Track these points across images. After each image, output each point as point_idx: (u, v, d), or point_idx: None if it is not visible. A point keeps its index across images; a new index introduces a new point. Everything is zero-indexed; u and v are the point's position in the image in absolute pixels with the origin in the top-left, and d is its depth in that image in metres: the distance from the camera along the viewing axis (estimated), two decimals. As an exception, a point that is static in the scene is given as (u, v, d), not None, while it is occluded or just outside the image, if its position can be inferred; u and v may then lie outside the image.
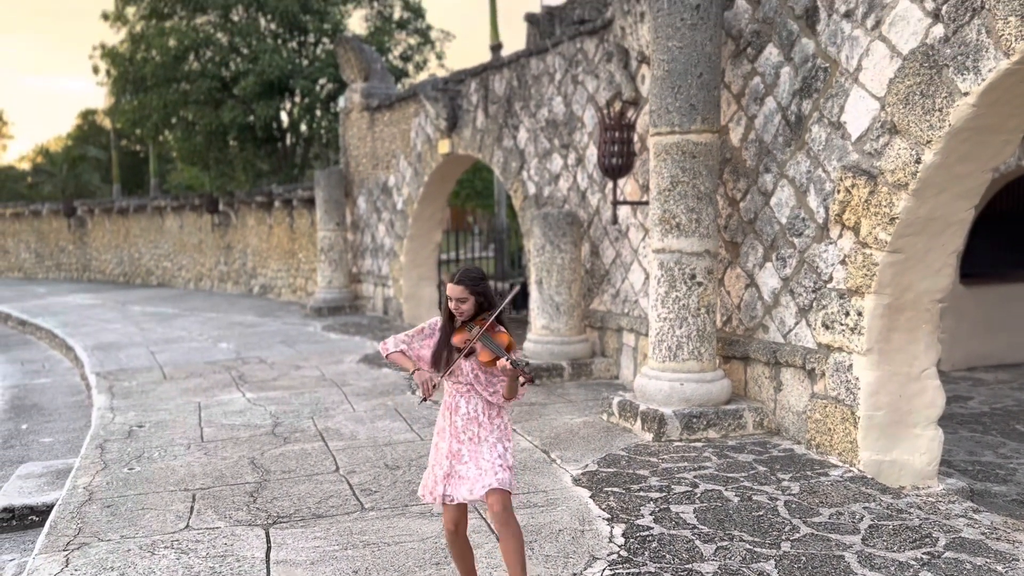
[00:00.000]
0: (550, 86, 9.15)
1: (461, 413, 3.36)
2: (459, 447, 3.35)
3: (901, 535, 4.18)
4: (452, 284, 3.31)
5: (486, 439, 3.34)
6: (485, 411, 3.37)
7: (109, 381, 8.85)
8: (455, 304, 3.31)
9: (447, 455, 3.36)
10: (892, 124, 4.96)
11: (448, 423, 3.39)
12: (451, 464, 3.35)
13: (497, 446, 3.34)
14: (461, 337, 3.31)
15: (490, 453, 3.32)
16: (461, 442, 3.36)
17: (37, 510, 5.60)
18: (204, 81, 19.60)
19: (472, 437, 3.34)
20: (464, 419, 3.36)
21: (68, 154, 36.03)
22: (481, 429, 3.35)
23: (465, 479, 3.32)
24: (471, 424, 3.35)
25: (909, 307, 5.20)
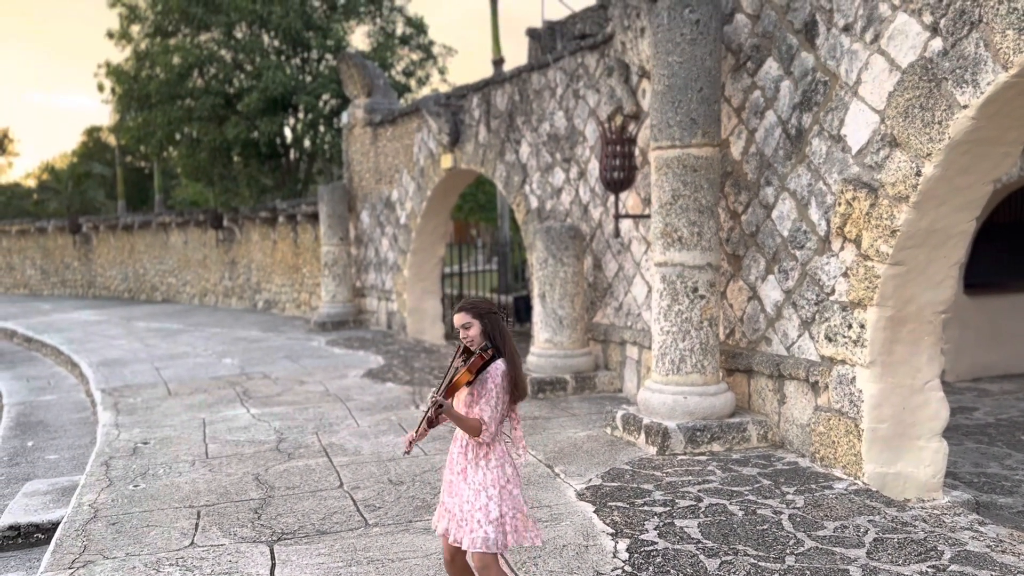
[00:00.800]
0: (551, 100, 9.20)
1: (457, 444, 3.33)
2: (451, 478, 3.33)
3: (906, 548, 4.17)
4: (456, 313, 3.30)
5: (471, 481, 3.23)
6: (473, 448, 3.26)
7: (114, 398, 8.88)
8: (462, 332, 3.26)
9: (446, 487, 3.36)
10: (892, 137, 4.98)
11: (449, 453, 3.38)
12: (443, 496, 3.36)
13: (481, 495, 3.19)
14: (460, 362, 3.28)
15: (474, 500, 3.20)
16: (453, 473, 3.32)
17: (43, 528, 5.61)
18: (208, 98, 19.73)
19: (460, 471, 3.28)
20: (457, 451, 3.31)
21: (73, 171, 36.23)
22: (469, 465, 3.25)
23: (448, 513, 3.30)
24: (460, 457, 3.29)
25: (911, 319, 5.20)
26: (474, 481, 3.22)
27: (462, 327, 3.25)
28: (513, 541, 3.23)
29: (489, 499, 3.19)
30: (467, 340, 3.24)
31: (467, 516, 3.19)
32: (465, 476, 3.24)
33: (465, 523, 3.19)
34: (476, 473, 3.23)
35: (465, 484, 3.23)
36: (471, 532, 3.16)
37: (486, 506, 3.18)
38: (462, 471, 3.26)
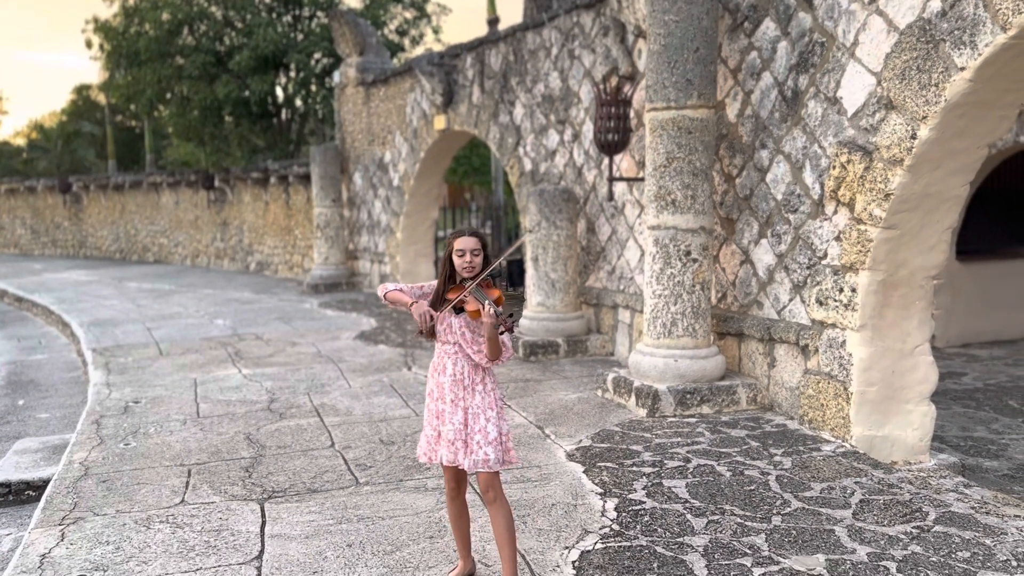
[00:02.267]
0: (547, 61, 9.09)
1: (448, 374, 3.30)
2: (443, 407, 3.32)
3: (891, 510, 4.21)
4: (466, 236, 3.27)
5: (471, 406, 3.29)
6: (471, 374, 3.29)
7: (105, 357, 8.86)
8: (469, 257, 3.25)
9: (433, 415, 3.37)
10: (888, 99, 4.93)
11: (435, 384, 3.36)
12: (434, 425, 3.36)
13: (480, 417, 3.27)
14: (455, 294, 3.26)
15: (472, 423, 3.27)
16: (445, 403, 3.31)
17: (33, 485, 5.62)
18: (198, 56, 19.44)
19: (455, 399, 3.29)
20: (450, 380, 3.29)
21: (63, 130, 35.80)
22: (466, 393, 3.29)
23: (445, 442, 3.30)
24: (455, 386, 3.29)
25: (903, 283, 5.20)
26: (472, 405, 3.28)
27: (471, 252, 3.25)
28: (507, 460, 3.35)
29: (488, 420, 3.28)
30: (470, 267, 3.25)
31: (468, 444, 3.26)
32: (462, 403, 3.28)
33: (467, 450, 3.26)
34: (474, 397, 3.28)
35: (460, 410, 3.28)
36: (471, 454, 3.25)
37: (484, 428, 3.27)
38: (456, 399, 3.28)
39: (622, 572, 3.56)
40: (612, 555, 3.73)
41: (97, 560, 3.82)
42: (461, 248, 3.26)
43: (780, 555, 3.70)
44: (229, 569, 3.69)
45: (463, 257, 3.26)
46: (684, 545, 3.81)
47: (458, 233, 3.30)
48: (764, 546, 3.79)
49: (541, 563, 3.68)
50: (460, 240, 3.27)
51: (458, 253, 3.26)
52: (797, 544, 3.81)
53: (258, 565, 3.72)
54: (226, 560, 3.78)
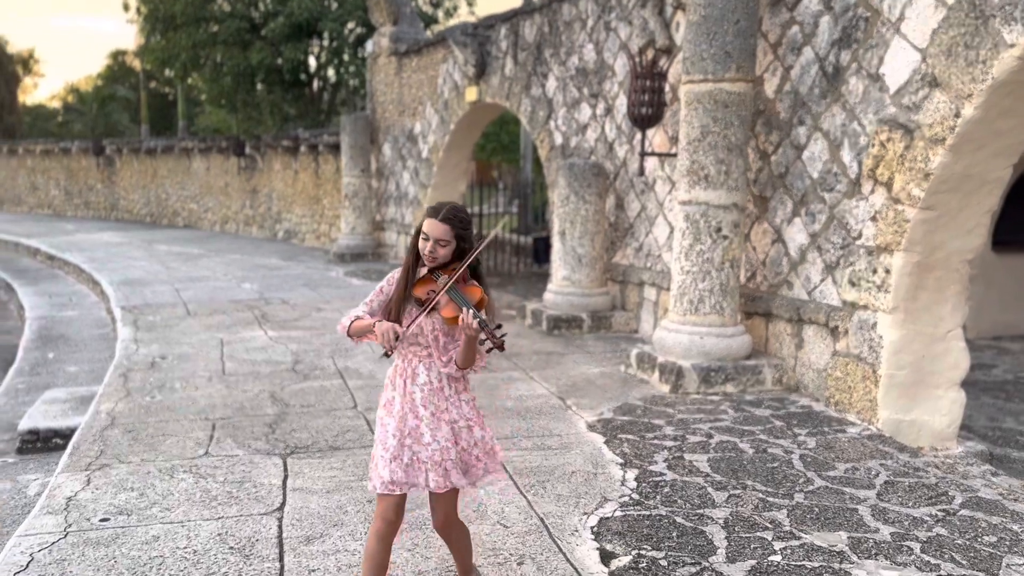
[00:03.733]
0: (581, 32, 8.98)
1: (420, 383, 2.76)
2: (416, 423, 2.74)
3: (917, 492, 4.15)
4: (434, 221, 2.68)
5: (464, 423, 2.80)
6: (451, 381, 2.79)
7: (134, 315, 8.97)
8: (432, 246, 2.69)
9: (396, 433, 2.75)
10: (933, 77, 4.81)
11: (401, 394, 2.78)
12: (405, 445, 2.74)
13: (475, 429, 2.81)
14: (424, 288, 2.72)
15: (469, 437, 2.80)
16: (419, 418, 2.75)
17: (61, 433, 5.71)
18: (232, 21, 19.47)
19: (435, 412, 2.75)
20: (424, 390, 2.75)
21: (98, 94, 36.15)
22: (449, 404, 2.77)
23: (424, 463, 2.73)
24: (434, 397, 2.76)
25: (939, 266, 5.10)
26: (459, 417, 2.80)
27: (436, 241, 2.69)
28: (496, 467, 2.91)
29: (483, 429, 2.86)
30: (430, 257, 2.71)
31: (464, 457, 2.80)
32: (442, 415, 2.76)
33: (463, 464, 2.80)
34: (460, 407, 2.81)
35: (443, 424, 2.76)
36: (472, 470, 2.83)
37: (482, 439, 2.85)
38: (436, 412, 2.76)
39: (641, 539, 3.55)
40: (631, 523, 3.72)
41: (121, 505, 3.88)
42: (426, 232, 2.70)
43: (802, 531, 3.67)
44: (251, 519, 3.72)
45: (426, 243, 2.70)
46: (704, 517, 3.79)
47: (432, 211, 2.72)
48: (786, 521, 3.76)
49: (560, 527, 3.67)
50: (428, 223, 2.70)
51: (423, 236, 2.71)
52: (819, 521, 3.77)
53: (279, 516, 3.75)
54: (248, 510, 3.81)
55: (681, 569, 3.29)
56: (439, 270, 2.73)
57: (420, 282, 2.74)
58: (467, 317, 2.58)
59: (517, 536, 3.58)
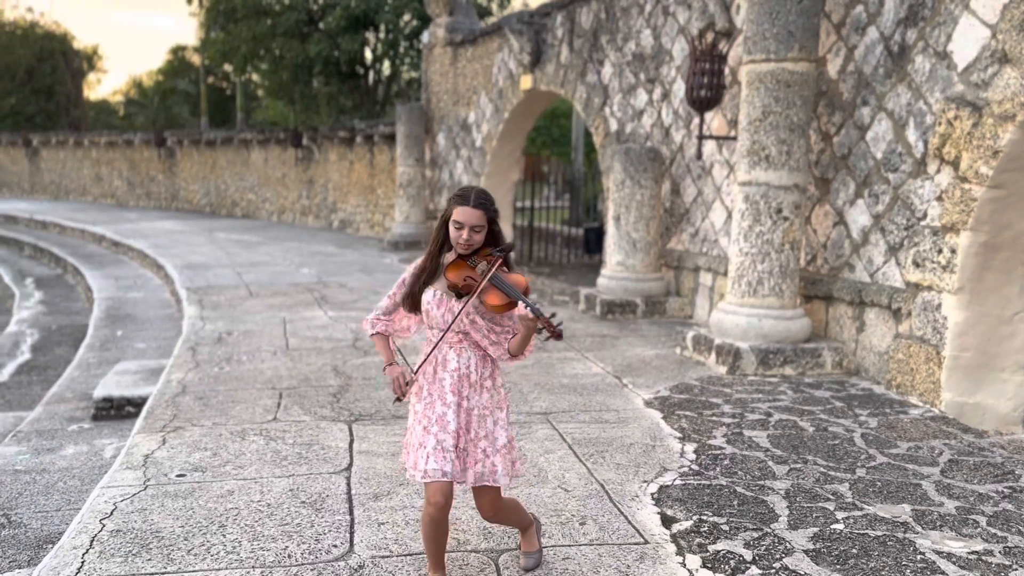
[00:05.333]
0: (639, 18, 8.98)
1: (450, 369, 2.72)
2: (444, 411, 2.70)
3: (982, 470, 4.10)
4: (467, 208, 2.63)
5: (481, 410, 2.74)
6: (479, 368, 2.73)
7: (198, 295, 9.24)
8: (467, 233, 2.64)
9: (423, 420, 2.73)
10: (1003, 53, 4.72)
11: (430, 380, 2.75)
12: (431, 432, 2.70)
13: (487, 420, 2.75)
14: (460, 274, 2.66)
15: (479, 428, 2.74)
16: (447, 405, 2.70)
17: (133, 401, 5.94)
18: (291, 14, 19.84)
19: (461, 401, 2.72)
20: (454, 376, 2.72)
21: (159, 87, 37.11)
22: (472, 391, 2.73)
23: (449, 451, 2.68)
24: (461, 383, 2.72)
25: (1006, 246, 5.01)
26: (479, 404, 2.74)
27: (471, 228, 2.64)
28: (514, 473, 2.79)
29: (496, 423, 2.76)
30: (466, 245, 2.67)
31: (468, 447, 2.73)
32: (463, 403, 2.73)
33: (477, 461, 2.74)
34: (481, 395, 2.74)
35: (462, 411, 2.72)
36: (475, 464, 2.73)
37: (492, 432, 2.75)
38: (463, 400, 2.73)
39: (702, 506, 3.58)
40: (691, 491, 3.75)
41: (196, 463, 4.04)
42: (460, 221, 2.64)
43: (864, 503, 3.66)
44: (320, 477, 3.85)
45: (460, 231, 2.65)
46: (765, 487, 3.80)
47: (461, 199, 2.66)
48: (848, 494, 3.75)
49: (620, 492, 3.72)
50: (461, 211, 2.64)
51: (456, 225, 2.66)
52: (882, 494, 3.76)
53: (347, 475, 3.87)
54: (317, 469, 3.94)
55: (743, 534, 3.31)
56: (474, 256, 2.68)
57: (452, 268, 2.68)
58: (526, 311, 2.56)
59: (578, 499, 3.64)
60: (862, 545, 3.23)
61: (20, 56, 33.27)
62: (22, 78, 33.50)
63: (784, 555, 3.13)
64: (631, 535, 3.29)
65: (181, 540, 3.20)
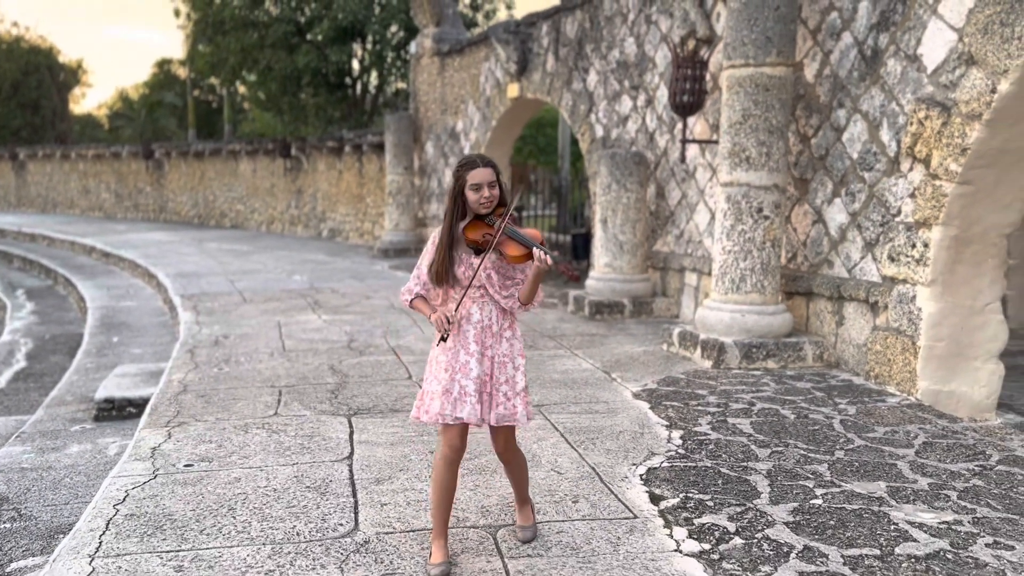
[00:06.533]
0: (623, 27, 9.21)
1: (473, 321, 2.94)
2: (467, 359, 2.92)
3: (954, 451, 4.31)
4: (480, 169, 2.88)
5: (501, 358, 2.97)
6: (499, 319, 2.98)
7: (193, 302, 9.37)
8: (487, 191, 2.88)
9: (449, 368, 2.94)
10: (969, 55, 4.96)
11: (454, 333, 2.95)
12: (455, 380, 2.92)
13: (508, 366, 2.98)
14: (479, 232, 2.89)
15: (500, 374, 2.96)
16: (470, 354, 2.92)
17: (134, 402, 6.07)
18: (279, 25, 20.03)
19: (484, 350, 2.94)
20: (477, 328, 2.94)
21: (146, 100, 37.16)
22: (494, 341, 2.96)
23: (471, 396, 2.90)
24: (484, 335, 2.94)
25: (976, 240, 5.24)
26: (499, 353, 2.98)
27: (488, 184, 2.88)
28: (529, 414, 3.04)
29: (516, 369, 2.99)
30: (488, 202, 2.89)
31: (491, 392, 2.96)
32: (491, 353, 2.96)
33: (498, 404, 2.96)
34: (501, 345, 2.98)
35: (486, 359, 2.95)
36: (496, 407, 2.95)
37: (512, 378, 2.98)
38: (486, 349, 2.96)
39: (687, 485, 3.76)
40: (678, 472, 3.94)
41: (202, 454, 4.19)
42: (477, 182, 2.87)
43: (842, 480, 3.85)
44: (323, 464, 4.01)
45: (480, 192, 2.88)
46: (748, 468, 3.99)
47: (470, 164, 2.90)
48: (827, 473, 3.95)
49: (610, 474, 3.90)
50: (475, 172, 2.88)
51: (473, 188, 2.88)
52: (859, 473, 3.95)
53: (349, 463, 4.03)
54: (320, 458, 4.10)
55: (727, 509, 3.49)
56: (491, 215, 2.91)
57: (470, 228, 2.91)
58: (543, 255, 2.79)
59: (571, 481, 3.81)
60: (839, 517, 3.42)
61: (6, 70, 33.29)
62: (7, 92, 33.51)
63: (766, 527, 3.31)
64: (621, 511, 3.47)
65: (193, 522, 3.35)
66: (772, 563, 3.01)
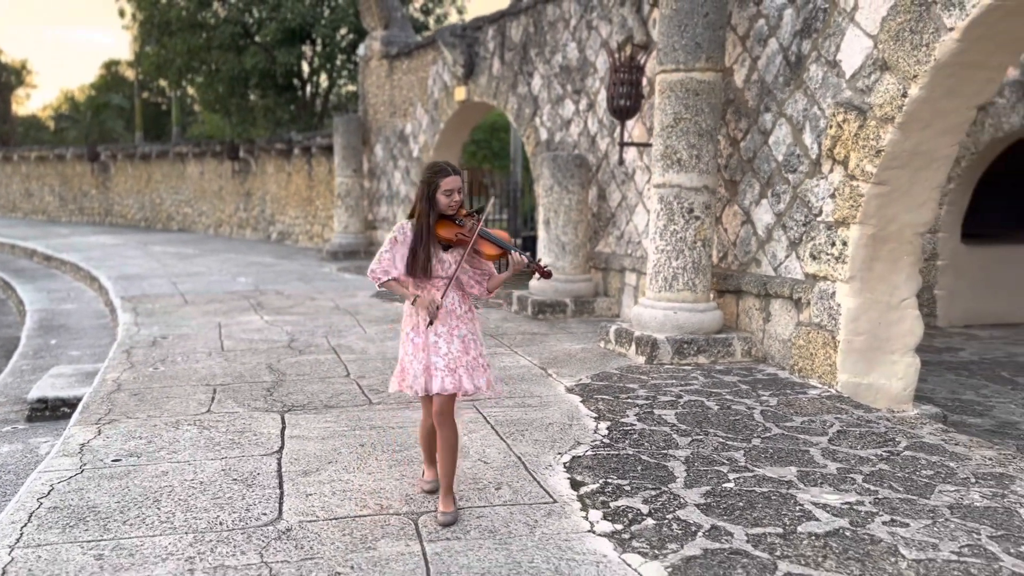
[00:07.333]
0: (565, 32, 9.38)
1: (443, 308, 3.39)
2: (436, 339, 3.38)
3: (866, 438, 4.51)
4: (453, 176, 3.34)
5: (465, 335, 3.43)
6: (461, 304, 3.44)
7: (133, 303, 9.28)
8: (458, 196, 3.35)
9: (424, 348, 3.39)
10: (883, 61, 5.20)
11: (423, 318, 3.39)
12: (428, 357, 3.38)
13: (476, 343, 3.46)
14: (451, 231, 3.33)
15: (474, 350, 3.44)
16: (438, 335, 3.39)
17: (69, 403, 6.03)
18: (227, 27, 19.86)
19: (451, 329, 3.40)
20: (443, 313, 3.39)
21: (92, 102, 36.44)
22: (460, 322, 3.42)
23: (440, 371, 3.36)
24: (449, 317, 3.40)
25: (892, 238, 5.48)
26: (467, 333, 3.44)
27: (457, 190, 3.35)
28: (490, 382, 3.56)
29: (481, 345, 3.50)
30: (456, 204, 3.36)
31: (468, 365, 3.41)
32: (455, 331, 3.41)
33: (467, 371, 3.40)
34: (465, 325, 3.45)
35: (456, 339, 3.41)
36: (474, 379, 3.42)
37: (481, 352, 3.49)
38: (452, 328, 3.40)
39: (608, 471, 3.89)
40: (601, 460, 4.06)
41: (132, 449, 4.20)
42: (450, 188, 3.33)
43: (755, 466, 4.01)
44: (252, 458, 4.05)
45: (451, 196, 3.34)
46: (668, 455, 4.14)
47: (444, 171, 3.34)
48: (742, 459, 4.11)
49: (535, 463, 4.01)
50: (449, 179, 3.33)
51: (445, 192, 3.33)
52: (773, 459, 4.12)
53: (279, 456, 4.08)
54: (249, 452, 4.14)
55: (643, 492, 3.63)
56: (457, 215, 3.37)
57: (442, 227, 3.35)
58: (518, 255, 3.35)
59: (496, 470, 3.92)
60: (748, 499, 3.57)
61: (-55, 70, 32.35)
62: (-53, 92, 32.57)
63: (677, 508, 3.45)
64: (542, 497, 3.58)
65: (117, 513, 3.37)
66: (680, 541, 3.15)
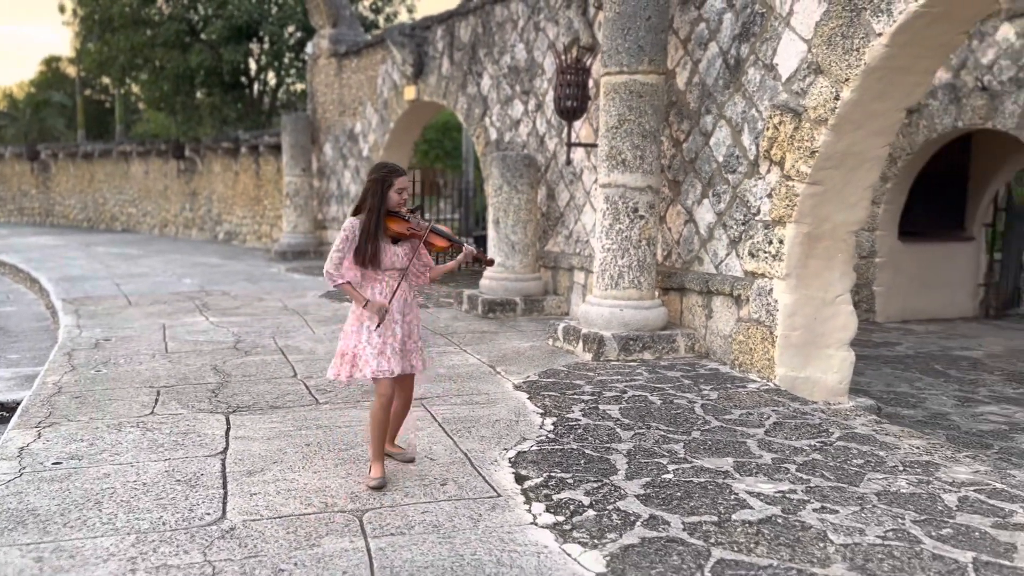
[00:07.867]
0: (513, 33, 9.45)
1: (396, 296, 3.79)
2: (393, 325, 3.77)
3: (801, 429, 4.66)
4: (403, 176, 3.80)
5: (412, 320, 3.88)
6: (412, 292, 3.90)
7: (75, 305, 9.09)
8: (405, 194, 3.80)
9: (381, 332, 3.74)
10: (817, 64, 5.38)
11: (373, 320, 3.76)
12: (387, 342, 3.75)
13: (418, 327, 3.93)
14: (401, 226, 3.73)
15: (416, 332, 3.91)
16: (395, 321, 3.78)
17: (6, 406, 5.89)
18: (171, 24, 19.51)
19: (406, 316, 3.83)
20: (399, 301, 3.80)
21: (31, 100, 35.41)
22: (407, 308, 3.84)
23: (397, 354, 3.76)
24: (401, 304, 3.81)
25: (826, 236, 5.66)
26: (413, 319, 3.90)
27: (406, 189, 3.80)
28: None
29: (421, 330, 3.96)
30: (403, 203, 3.78)
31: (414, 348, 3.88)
32: (405, 317, 3.83)
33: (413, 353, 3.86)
34: (413, 311, 3.90)
35: (405, 323, 3.83)
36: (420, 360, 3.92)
37: (422, 335, 3.97)
38: (407, 315, 3.84)
39: (552, 466, 3.97)
40: (545, 454, 4.14)
41: (73, 452, 4.15)
42: (401, 187, 3.75)
43: (694, 457, 4.13)
44: (196, 459, 4.03)
45: (402, 194, 3.76)
46: (610, 449, 4.23)
47: (398, 172, 3.77)
48: (681, 451, 4.22)
49: (481, 459, 4.07)
50: (401, 179, 3.76)
51: (397, 191, 3.74)
52: (711, 451, 4.25)
53: (223, 457, 4.07)
54: (193, 453, 4.12)
55: (585, 485, 3.71)
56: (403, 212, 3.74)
57: (392, 222, 3.71)
58: (472, 249, 3.80)
59: (442, 466, 3.97)
60: (686, 490, 3.68)
61: None
62: None
63: (618, 499, 3.55)
64: (486, 491, 3.64)
65: (57, 516, 3.34)
66: (619, 531, 3.24)
